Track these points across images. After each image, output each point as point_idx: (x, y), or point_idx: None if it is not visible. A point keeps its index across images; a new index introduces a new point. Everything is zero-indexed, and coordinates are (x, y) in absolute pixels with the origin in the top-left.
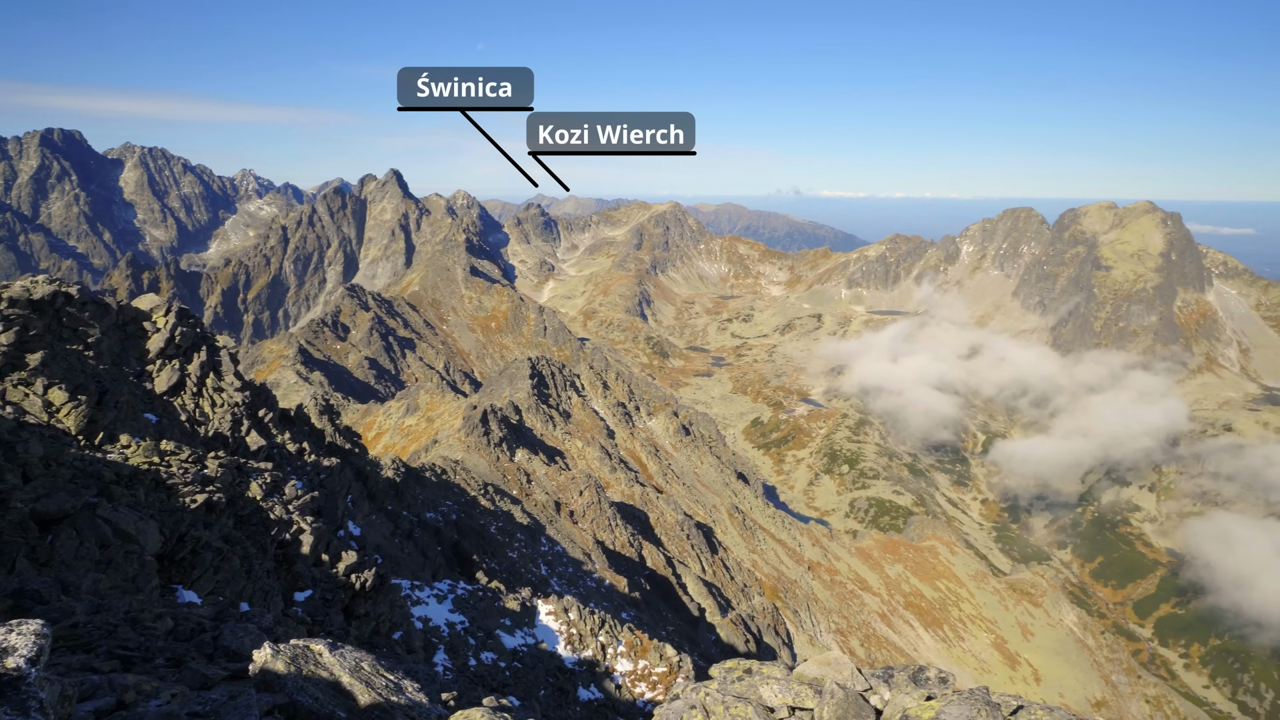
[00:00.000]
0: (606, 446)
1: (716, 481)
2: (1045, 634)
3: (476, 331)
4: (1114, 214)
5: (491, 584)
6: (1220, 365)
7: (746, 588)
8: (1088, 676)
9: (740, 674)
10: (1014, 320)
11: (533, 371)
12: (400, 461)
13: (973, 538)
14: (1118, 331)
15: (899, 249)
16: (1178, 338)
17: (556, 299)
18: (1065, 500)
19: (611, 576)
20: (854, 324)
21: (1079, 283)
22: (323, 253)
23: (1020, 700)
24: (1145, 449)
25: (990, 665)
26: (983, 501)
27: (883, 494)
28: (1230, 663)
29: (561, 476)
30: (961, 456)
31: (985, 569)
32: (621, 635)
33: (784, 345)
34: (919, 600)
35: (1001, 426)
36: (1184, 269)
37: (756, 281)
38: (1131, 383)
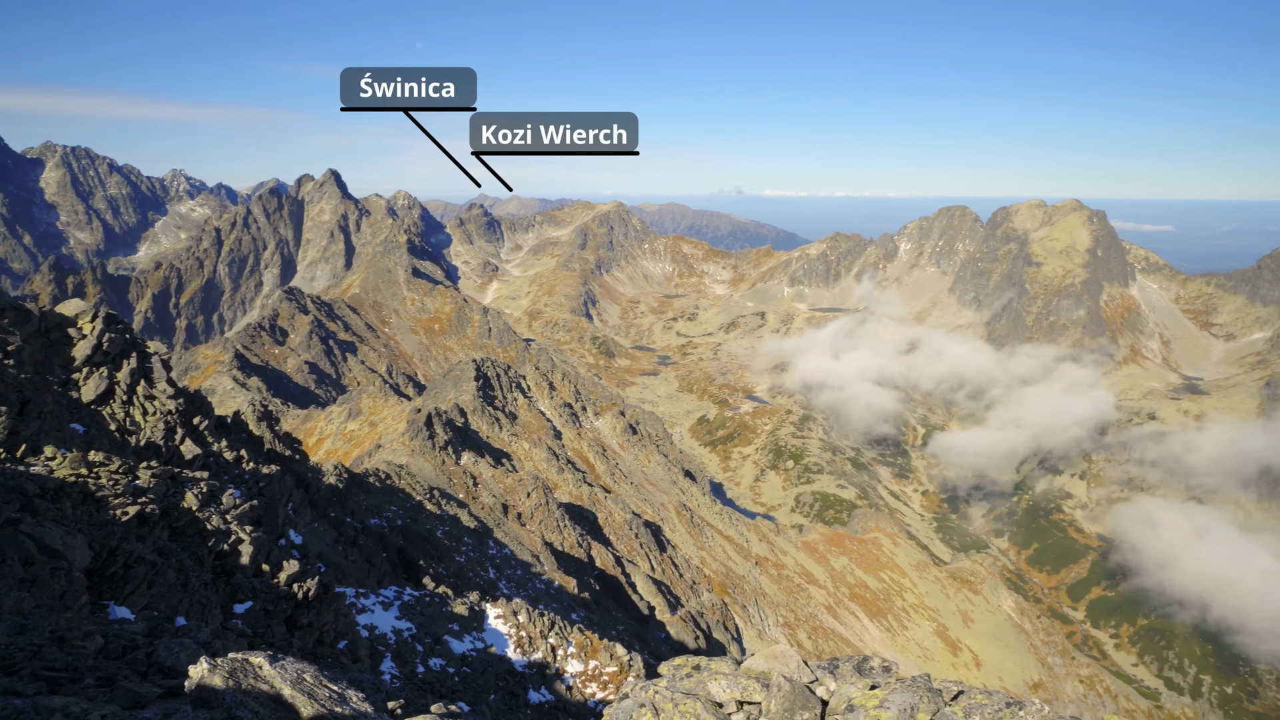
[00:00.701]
0: (554, 447)
1: (664, 480)
2: (985, 620)
3: (420, 334)
4: (1043, 212)
5: (439, 589)
6: (1144, 357)
7: (695, 585)
8: (1025, 660)
9: (689, 671)
10: (951, 316)
11: (478, 373)
12: (343, 467)
13: (914, 528)
14: (1048, 325)
15: (839, 247)
16: (1104, 331)
17: (501, 300)
18: (1001, 490)
19: (560, 578)
20: (797, 321)
21: (1011, 279)
22: (259, 255)
23: (961, 685)
24: (1075, 438)
25: (933, 652)
26: (923, 493)
27: (827, 488)
28: (1156, 641)
29: (508, 478)
30: (902, 449)
31: (927, 559)
32: (571, 636)
33: (729, 343)
34: (864, 591)
35: (940, 419)
36: (1109, 265)
37: (701, 280)
38: (1062, 375)
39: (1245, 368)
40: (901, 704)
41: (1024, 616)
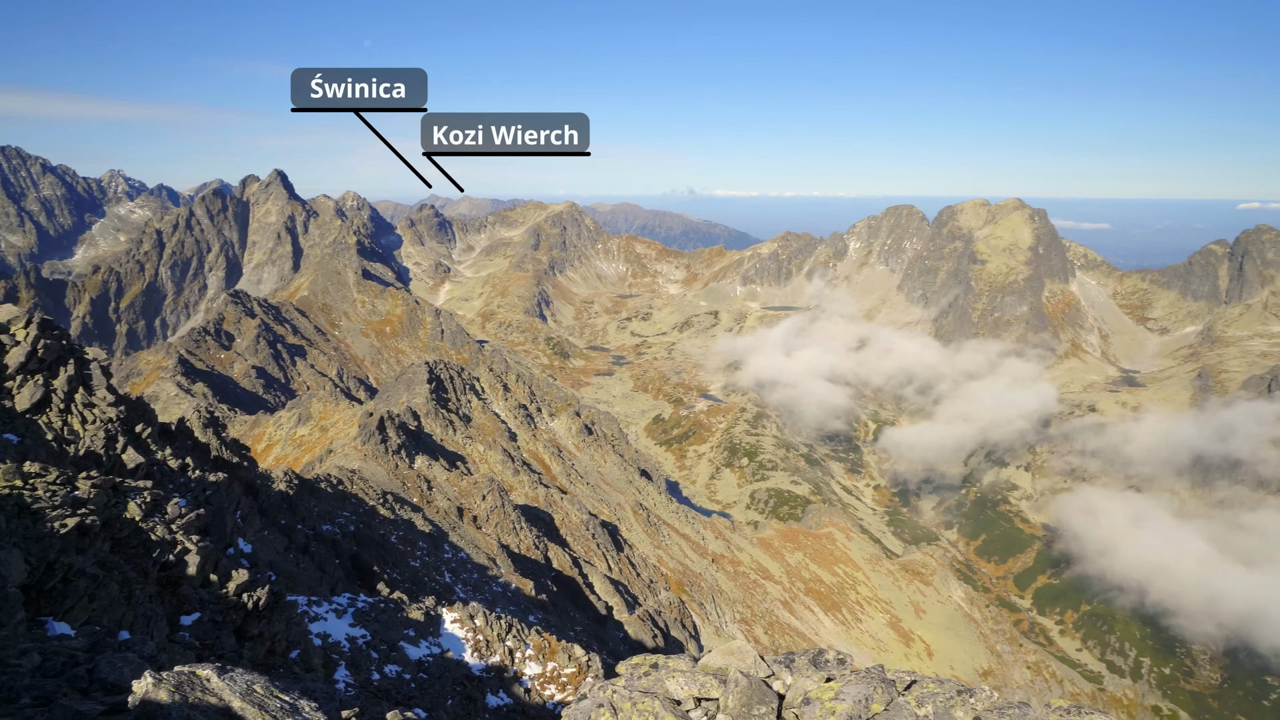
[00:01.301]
0: (509, 449)
1: (620, 479)
2: (936, 611)
3: (371, 336)
4: (987, 211)
5: (394, 595)
6: (1084, 351)
7: (653, 583)
8: (975, 648)
9: (646, 669)
10: (899, 313)
11: (430, 376)
12: (293, 473)
13: (867, 523)
14: (993, 321)
15: (790, 246)
16: (1046, 326)
17: (453, 301)
18: (950, 482)
19: (517, 580)
20: (749, 320)
21: (958, 276)
22: (202, 257)
23: (913, 675)
24: (1020, 431)
25: (886, 644)
26: (875, 487)
27: (781, 484)
28: (1099, 626)
29: (463, 481)
30: (854, 445)
31: (879, 552)
32: (529, 638)
33: (683, 342)
34: (818, 586)
35: (890, 415)
36: (1050, 262)
37: (654, 280)
38: (1006, 369)
39: (1178, 360)
40: (856, 695)
41: (973, 606)
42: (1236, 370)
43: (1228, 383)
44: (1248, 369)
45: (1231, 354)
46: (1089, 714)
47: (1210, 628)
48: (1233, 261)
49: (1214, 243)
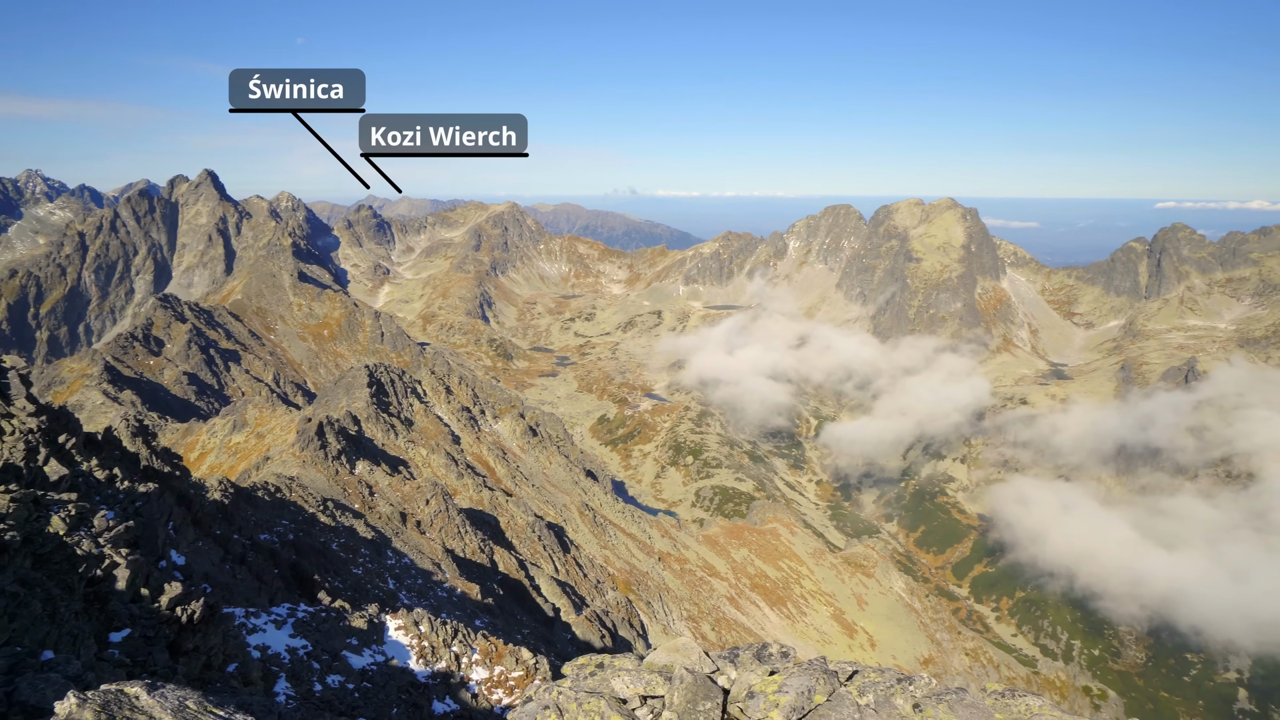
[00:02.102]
0: (452, 452)
1: (566, 480)
2: (878, 602)
3: (308, 340)
4: (921, 210)
5: (335, 603)
6: (1015, 345)
7: (600, 583)
8: (916, 637)
9: (592, 669)
10: (838, 310)
11: (371, 379)
12: (228, 482)
13: (810, 517)
14: (929, 318)
15: (731, 246)
16: (979, 322)
17: (393, 303)
18: (890, 476)
19: (463, 584)
20: (692, 319)
21: (894, 274)
22: (129, 261)
23: (855, 666)
24: (956, 424)
25: (831, 636)
26: (817, 482)
27: (726, 482)
28: (1032, 611)
29: (406, 486)
30: (797, 441)
31: (823, 546)
32: (476, 643)
33: (626, 342)
34: (764, 581)
35: (831, 410)
36: (982, 259)
37: (597, 280)
38: (942, 364)
39: (1103, 353)
40: (799, 687)
41: (914, 596)
42: (1156, 362)
43: (1148, 374)
44: (1166, 361)
45: (1151, 347)
46: (1022, 696)
47: (1135, 609)
48: (1151, 258)
49: (1134, 240)
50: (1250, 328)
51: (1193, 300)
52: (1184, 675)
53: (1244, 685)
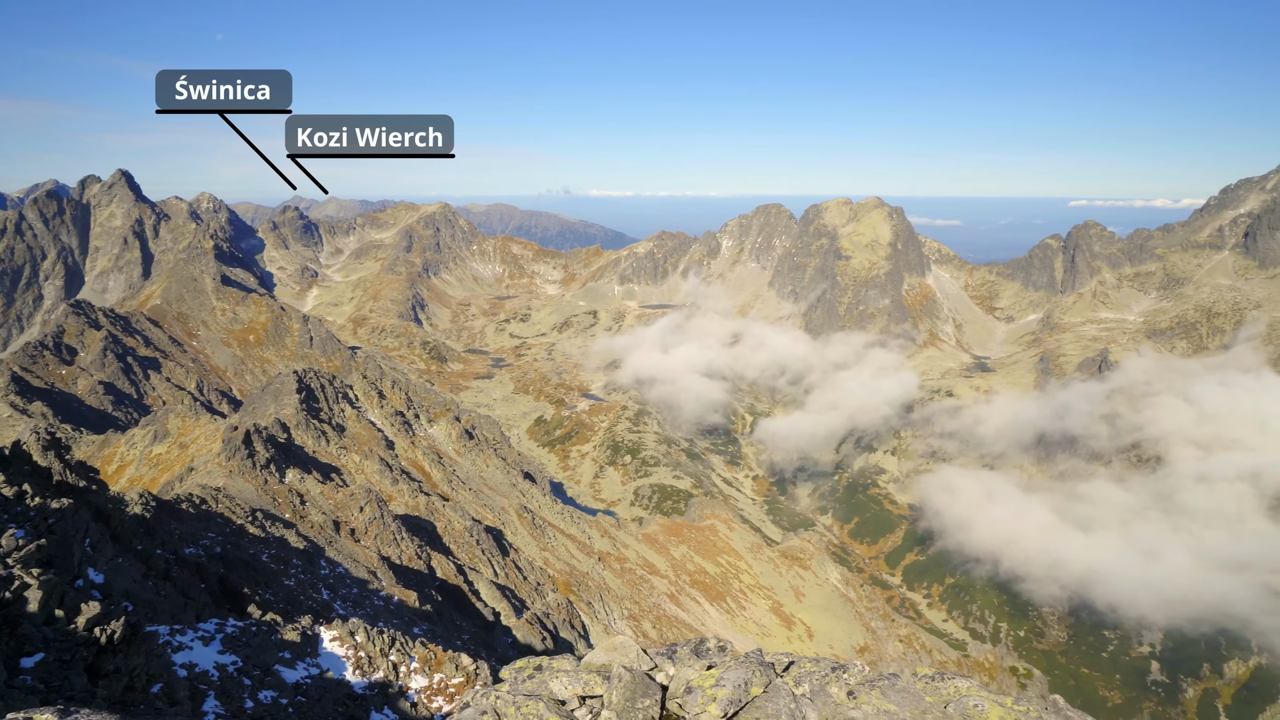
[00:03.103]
0: (386, 458)
1: (504, 483)
2: (815, 593)
3: (233, 346)
4: (850, 209)
5: (266, 617)
6: (940, 340)
7: (540, 586)
8: (852, 626)
9: (530, 672)
10: (771, 308)
11: (300, 385)
12: (150, 495)
13: (747, 513)
14: (858, 314)
15: (665, 245)
16: (907, 317)
17: (322, 307)
18: (824, 469)
19: (400, 592)
20: (628, 319)
21: (824, 272)
22: (36, 265)
23: (792, 657)
24: (885, 417)
25: (769, 629)
26: (754, 478)
27: (664, 480)
28: (961, 596)
29: (339, 494)
30: (733, 437)
31: (760, 540)
32: (414, 651)
33: (562, 343)
34: (703, 577)
35: (766, 407)
36: (908, 257)
37: (532, 281)
38: (871, 359)
39: (1023, 346)
40: (736, 680)
41: (849, 586)
42: (1072, 354)
43: (1065, 365)
44: (1081, 352)
45: (1067, 339)
46: (951, 679)
47: (1056, 590)
48: (1066, 254)
49: (1050, 237)
50: (1156, 319)
51: (1104, 294)
52: (1102, 651)
53: (1156, 658)
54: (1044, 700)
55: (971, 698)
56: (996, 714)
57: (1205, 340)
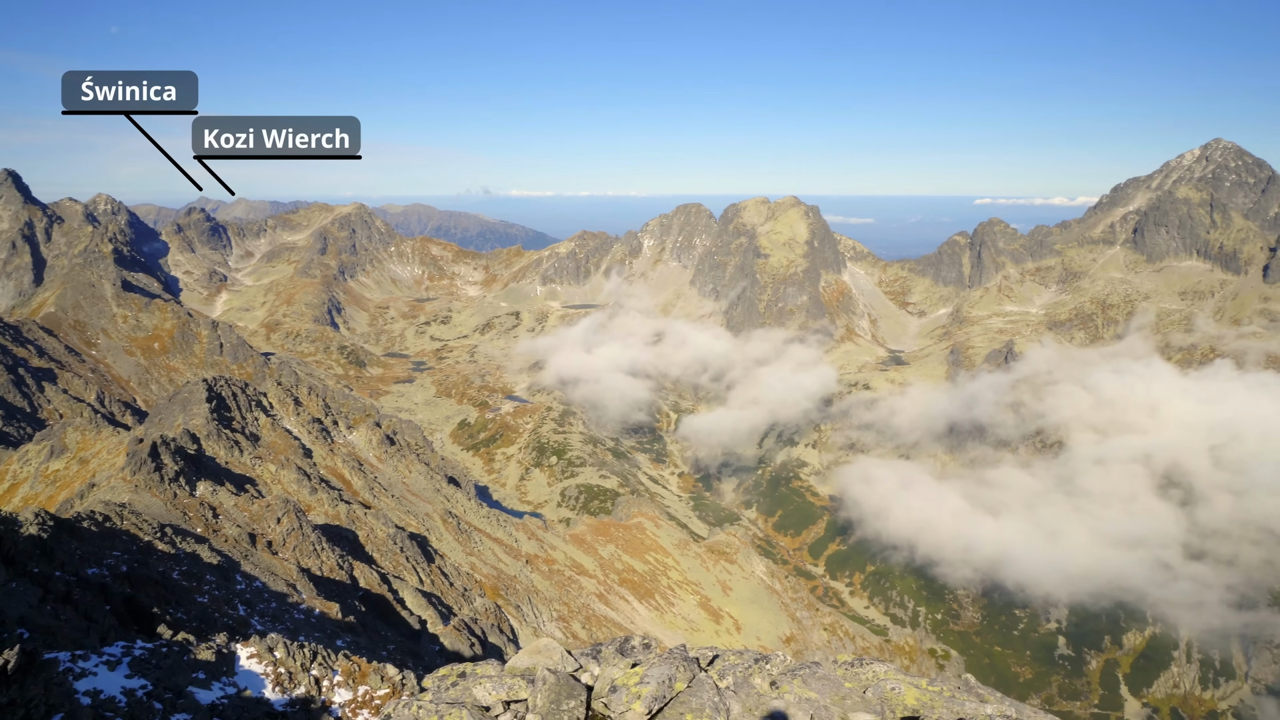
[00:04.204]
0: (304, 467)
1: (427, 489)
2: (741, 587)
3: (136, 354)
4: (767, 208)
5: (178, 637)
6: (857, 335)
7: (467, 591)
8: (778, 618)
9: (454, 680)
10: (693, 306)
11: (210, 394)
12: (47, 514)
13: (674, 509)
14: (778, 311)
15: (587, 245)
16: (824, 313)
17: (233, 312)
18: (747, 464)
19: (321, 604)
20: (551, 319)
21: (744, 270)
22: None
23: (715, 650)
24: (805, 411)
25: (698, 624)
26: (679, 475)
27: (591, 480)
28: (881, 583)
29: (254, 505)
30: (658, 435)
31: (687, 536)
32: (337, 664)
33: (484, 345)
34: (632, 575)
35: (689, 404)
36: (824, 254)
37: (452, 282)
38: (791, 354)
39: (934, 339)
40: (660, 677)
41: (774, 578)
42: (980, 346)
43: (974, 357)
44: (988, 344)
45: (976, 332)
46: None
47: (968, 573)
48: (972, 251)
49: (957, 234)
50: (1056, 312)
51: (1009, 288)
52: (1013, 629)
53: (1062, 633)
54: (957, 680)
55: (889, 681)
56: (912, 695)
57: (1101, 330)
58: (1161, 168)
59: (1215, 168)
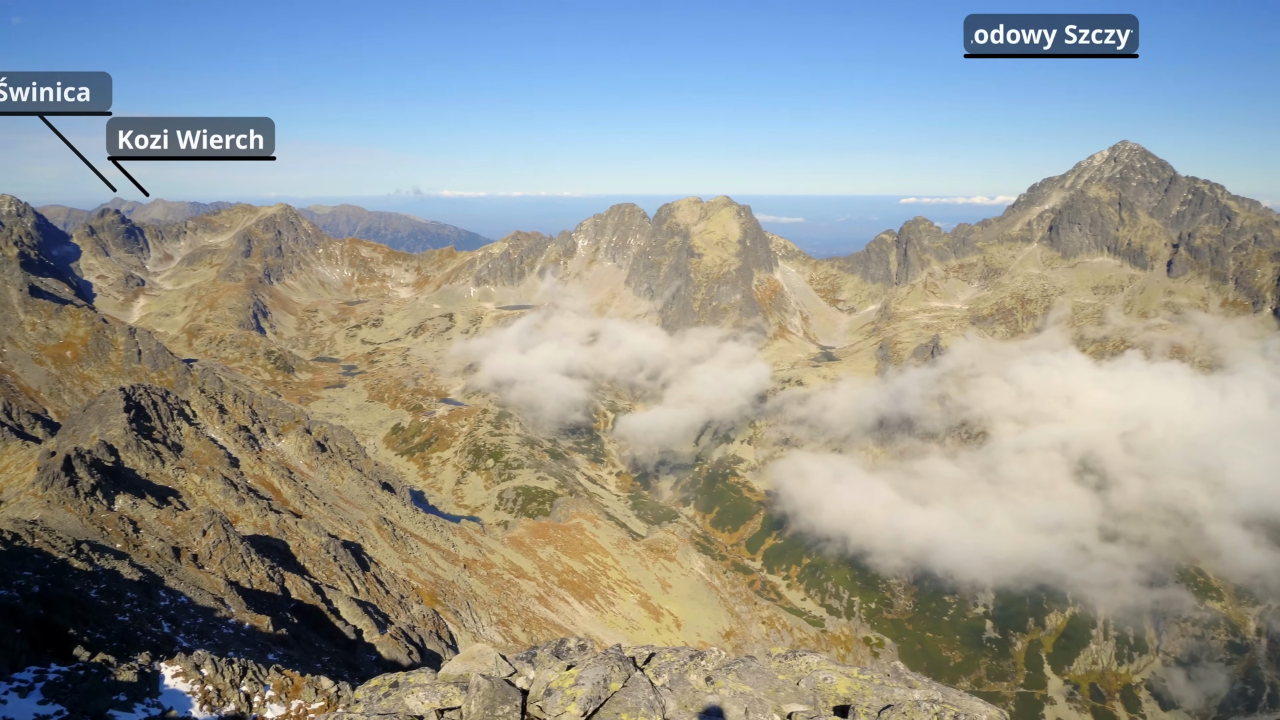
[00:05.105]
0: (230, 476)
1: (361, 495)
2: (681, 584)
3: (46, 363)
4: (700, 207)
5: (97, 658)
6: (789, 332)
7: (404, 599)
8: (717, 613)
9: (386, 689)
10: (628, 306)
11: (128, 403)
12: None
13: (612, 509)
14: (712, 310)
15: (521, 245)
16: (757, 311)
17: (152, 318)
18: (684, 461)
19: (251, 618)
20: (485, 321)
21: (678, 269)
22: None
23: (652, 649)
24: (740, 407)
25: (639, 622)
26: (617, 474)
27: (528, 481)
28: (817, 575)
29: (178, 518)
30: (595, 435)
31: (626, 535)
32: (269, 679)
33: (417, 347)
34: (571, 576)
35: (626, 403)
36: (757, 253)
37: (384, 284)
38: (725, 352)
39: (864, 335)
40: (595, 678)
41: (713, 574)
42: (908, 341)
43: (902, 352)
44: (915, 339)
45: (903, 327)
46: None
47: (900, 562)
48: (899, 248)
49: (885, 233)
50: (979, 307)
51: (934, 284)
52: (943, 615)
53: (989, 617)
54: (887, 668)
55: (821, 672)
56: (844, 684)
57: (1020, 324)
58: (1074, 168)
59: (1123, 168)
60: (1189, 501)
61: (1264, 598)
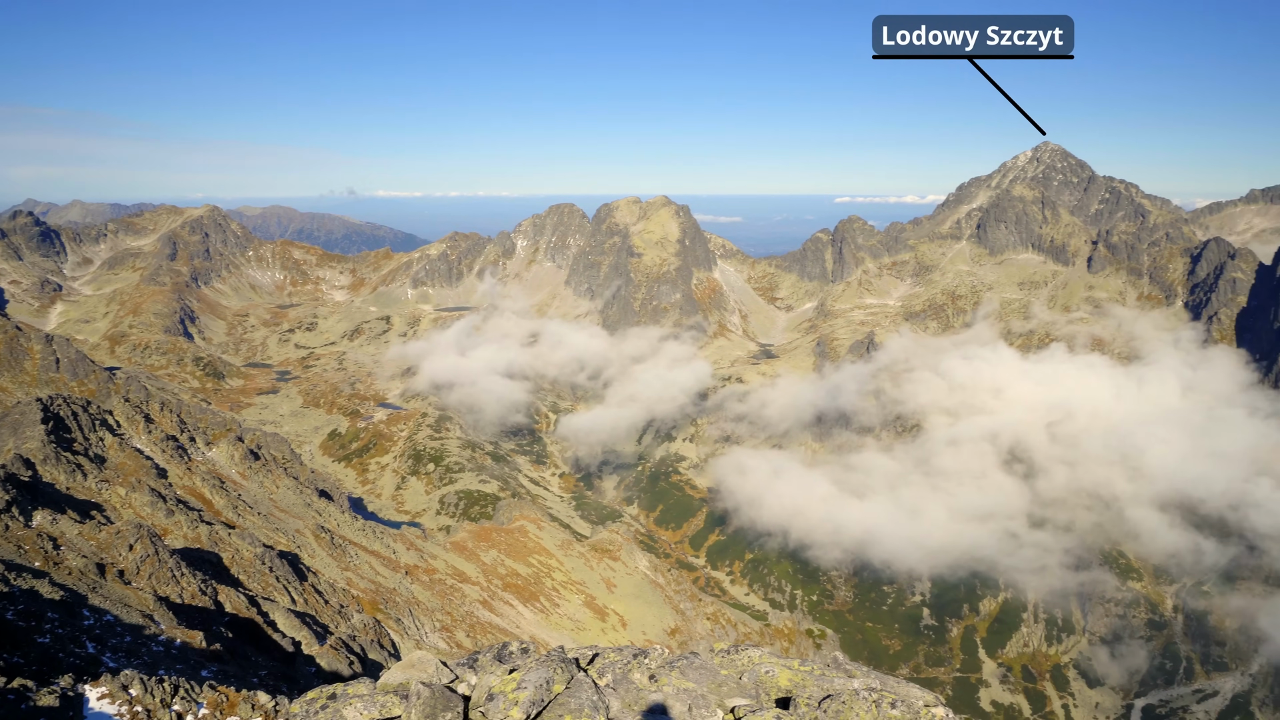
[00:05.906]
0: (158, 488)
1: (297, 504)
2: (625, 583)
3: None
4: (639, 207)
5: (14, 684)
6: (729, 330)
7: (344, 608)
8: (663, 611)
9: (324, 702)
10: (569, 306)
11: (46, 414)
12: None
13: (556, 510)
14: (652, 309)
15: (459, 246)
16: (697, 310)
17: (70, 324)
18: (627, 461)
19: (183, 634)
20: (423, 323)
21: (618, 269)
22: None
23: (595, 649)
24: (681, 405)
25: (584, 623)
26: (560, 475)
27: (470, 485)
28: (759, 570)
29: (102, 533)
30: (537, 436)
31: (570, 536)
32: (202, 696)
33: (354, 351)
34: (515, 579)
35: (568, 403)
36: (696, 252)
37: (317, 287)
38: (666, 351)
39: (802, 332)
40: (537, 681)
41: (658, 572)
42: (844, 337)
43: (839, 348)
44: (851, 336)
45: (839, 324)
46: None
47: (839, 554)
48: (834, 247)
49: (820, 231)
50: (912, 303)
51: (869, 282)
52: (882, 605)
53: (925, 605)
54: (828, 658)
55: (764, 665)
56: (786, 676)
57: (951, 320)
58: (1000, 168)
59: (1045, 168)
60: (1110, 487)
61: (1179, 576)
